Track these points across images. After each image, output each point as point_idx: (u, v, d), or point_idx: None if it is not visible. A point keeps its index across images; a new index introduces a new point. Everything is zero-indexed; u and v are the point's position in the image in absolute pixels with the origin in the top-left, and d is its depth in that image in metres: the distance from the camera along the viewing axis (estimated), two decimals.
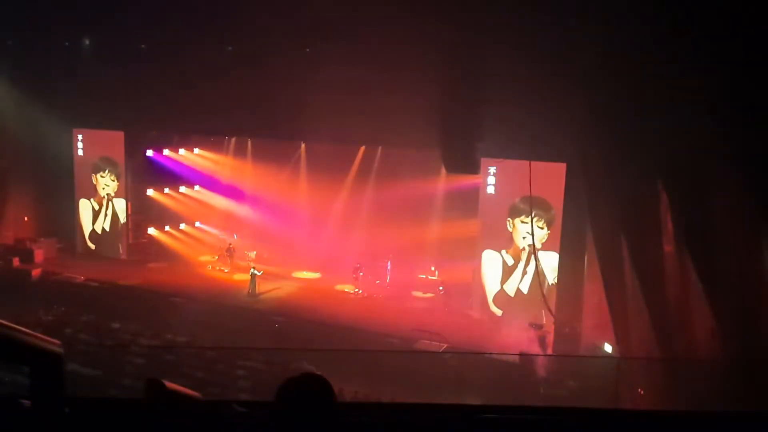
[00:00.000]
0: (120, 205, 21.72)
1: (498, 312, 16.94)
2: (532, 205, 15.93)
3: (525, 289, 16.61)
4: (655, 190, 11.18)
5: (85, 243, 22.26)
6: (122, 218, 21.71)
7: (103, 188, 21.81)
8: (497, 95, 14.02)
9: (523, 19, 12.40)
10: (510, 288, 16.86)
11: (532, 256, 16.26)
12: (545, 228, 16.24)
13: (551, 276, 16.22)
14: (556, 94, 12.70)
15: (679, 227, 10.57)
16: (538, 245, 16.17)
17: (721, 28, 8.22)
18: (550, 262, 16.24)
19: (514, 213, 16.65)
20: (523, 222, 16.47)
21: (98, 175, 21.81)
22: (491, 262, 17.04)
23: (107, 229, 21.95)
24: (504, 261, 16.91)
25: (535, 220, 16.04)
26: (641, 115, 10.57)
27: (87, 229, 22.27)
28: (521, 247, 16.66)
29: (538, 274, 16.10)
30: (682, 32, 9.01)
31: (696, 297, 9.92)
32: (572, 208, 15.42)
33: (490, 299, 17.09)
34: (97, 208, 22.01)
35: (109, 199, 21.78)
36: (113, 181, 21.63)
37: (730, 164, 9.00)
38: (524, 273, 16.62)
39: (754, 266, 8.74)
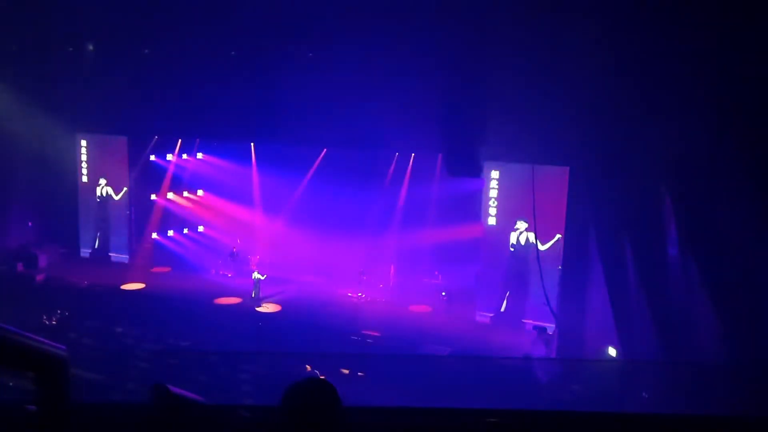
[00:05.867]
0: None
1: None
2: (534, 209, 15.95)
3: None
4: (658, 192, 11.18)
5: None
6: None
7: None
8: (500, 99, 14.03)
9: (525, 23, 12.42)
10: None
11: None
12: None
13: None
14: (559, 98, 12.72)
15: (683, 230, 10.57)
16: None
17: (723, 30, 8.23)
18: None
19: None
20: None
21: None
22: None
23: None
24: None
25: None
26: (644, 118, 10.58)
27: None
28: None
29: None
30: (684, 35, 9.02)
31: (700, 300, 9.91)
32: (575, 212, 15.41)
33: None
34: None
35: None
36: None
37: (733, 166, 9.00)
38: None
39: (757, 268, 8.72)
